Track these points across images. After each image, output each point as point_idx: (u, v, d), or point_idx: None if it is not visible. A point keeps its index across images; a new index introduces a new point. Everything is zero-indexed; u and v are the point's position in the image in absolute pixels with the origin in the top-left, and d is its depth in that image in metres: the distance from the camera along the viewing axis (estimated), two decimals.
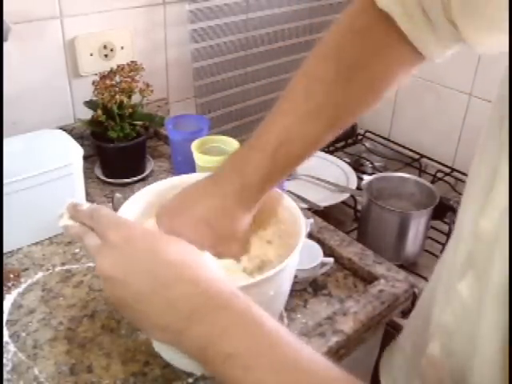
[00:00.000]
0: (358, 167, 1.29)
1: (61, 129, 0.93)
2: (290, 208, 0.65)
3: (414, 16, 0.49)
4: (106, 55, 1.05)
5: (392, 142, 1.43)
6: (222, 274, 0.46)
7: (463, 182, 1.21)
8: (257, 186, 0.57)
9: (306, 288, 0.78)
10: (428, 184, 1.01)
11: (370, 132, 1.45)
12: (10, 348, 0.66)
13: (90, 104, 0.98)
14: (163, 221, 0.59)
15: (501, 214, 0.38)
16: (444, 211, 1.04)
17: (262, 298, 0.56)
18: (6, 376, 0.62)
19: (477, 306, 0.42)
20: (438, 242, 1.04)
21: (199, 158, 0.87)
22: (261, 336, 0.40)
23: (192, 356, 0.42)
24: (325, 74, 0.54)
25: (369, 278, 0.78)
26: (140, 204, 0.66)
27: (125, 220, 0.48)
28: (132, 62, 0.97)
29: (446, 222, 1.06)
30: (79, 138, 1.01)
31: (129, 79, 0.95)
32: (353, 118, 0.57)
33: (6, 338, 0.67)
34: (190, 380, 0.63)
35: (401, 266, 0.81)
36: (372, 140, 1.44)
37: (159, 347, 0.65)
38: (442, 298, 0.51)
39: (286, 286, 0.61)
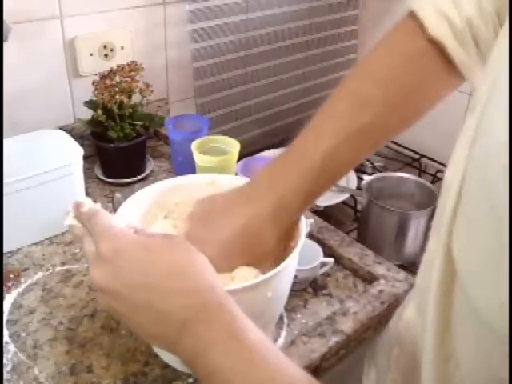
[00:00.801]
0: (358, 167, 1.29)
1: (61, 129, 0.93)
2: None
3: (466, 46, 0.49)
4: (106, 55, 1.05)
5: (392, 141, 1.43)
6: (220, 279, 0.45)
7: None
8: (296, 208, 0.57)
9: (306, 288, 0.78)
10: (428, 184, 1.01)
11: None
12: (10, 348, 0.66)
13: (90, 104, 0.98)
14: (193, 226, 0.59)
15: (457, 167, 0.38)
16: None
17: (260, 300, 0.56)
18: (6, 376, 0.62)
19: (445, 260, 0.41)
20: None
21: (199, 158, 0.87)
22: (242, 352, 0.40)
23: (186, 365, 0.43)
24: (373, 95, 0.54)
25: (369, 278, 0.78)
26: (139, 204, 0.66)
27: (119, 230, 0.47)
28: (132, 61, 0.97)
29: None
30: (79, 138, 1.01)
31: (129, 79, 0.95)
32: (393, 137, 0.59)
33: (6, 337, 0.67)
34: (190, 380, 0.63)
35: (401, 266, 0.81)
36: None
37: (158, 349, 0.65)
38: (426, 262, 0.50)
39: (284, 287, 0.61)
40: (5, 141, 0.86)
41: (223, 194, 0.62)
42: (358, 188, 1.12)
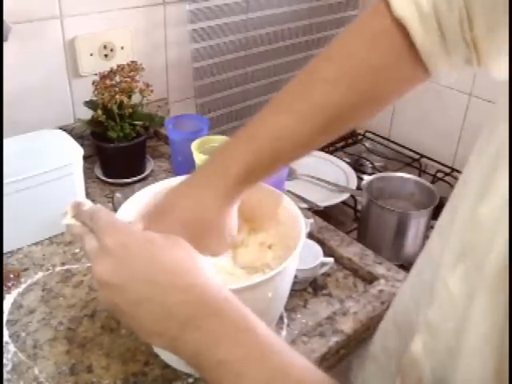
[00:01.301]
0: (358, 167, 1.29)
1: (61, 129, 0.93)
2: (290, 210, 0.65)
3: (429, 31, 0.48)
4: (106, 55, 1.05)
5: (392, 142, 1.43)
6: (219, 279, 0.45)
7: None
8: (238, 177, 0.55)
9: (306, 288, 0.78)
10: (428, 184, 1.01)
11: (369, 132, 1.45)
12: (10, 348, 0.66)
13: (90, 104, 0.98)
14: (147, 227, 0.58)
15: (503, 200, 0.37)
16: None
17: (261, 300, 0.56)
18: (6, 376, 0.62)
19: (465, 300, 0.41)
20: None
21: (199, 158, 0.87)
22: (252, 344, 0.40)
23: (187, 362, 0.43)
24: (326, 73, 0.53)
25: (369, 278, 0.78)
26: (139, 204, 0.66)
27: (123, 224, 0.47)
28: (132, 62, 0.97)
29: None
30: (79, 138, 1.01)
31: (129, 79, 0.95)
32: (348, 124, 0.56)
33: (6, 337, 0.67)
34: (190, 380, 0.63)
35: (401, 266, 0.81)
36: (372, 140, 1.44)
37: (158, 349, 0.65)
38: (426, 295, 0.49)
39: (284, 287, 0.61)
40: (5, 141, 0.86)
41: (171, 190, 0.60)
42: (358, 188, 1.12)
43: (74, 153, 0.84)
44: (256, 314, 0.49)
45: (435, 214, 0.98)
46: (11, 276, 0.76)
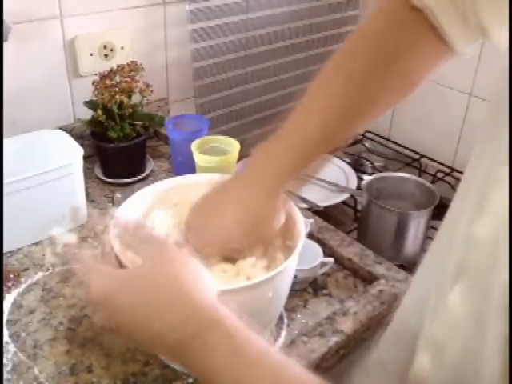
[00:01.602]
0: (358, 167, 1.29)
1: (61, 129, 0.93)
2: (290, 210, 0.65)
3: (446, 12, 0.51)
4: (106, 55, 1.05)
5: (392, 141, 1.43)
6: (215, 291, 0.46)
7: None
8: (284, 175, 0.59)
9: (306, 288, 0.78)
10: (428, 184, 1.01)
11: (369, 132, 1.45)
12: (10, 348, 0.66)
13: (90, 104, 0.98)
14: (195, 224, 0.61)
15: (499, 220, 0.37)
16: (444, 211, 1.04)
17: (261, 300, 0.56)
18: (6, 376, 0.62)
19: (469, 319, 0.40)
20: None
21: (199, 158, 0.87)
22: (247, 355, 0.41)
23: (194, 375, 0.46)
24: (360, 68, 0.55)
25: (369, 278, 0.78)
26: (139, 204, 0.66)
27: (101, 272, 0.49)
28: (132, 61, 0.97)
29: None
30: (79, 138, 1.01)
31: (129, 79, 0.95)
32: (382, 112, 0.59)
33: (6, 337, 0.67)
34: (190, 380, 0.63)
35: (401, 266, 0.81)
36: (372, 140, 1.44)
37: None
38: (430, 308, 0.49)
39: (284, 287, 0.61)
40: (5, 141, 0.86)
41: (221, 184, 0.63)
42: (358, 188, 1.12)
43: (74, 153, 0.84)
44: (256, 314, 0.49)
45: (435, 214, 0.98)
46: (11, 276, 0.76)
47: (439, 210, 1.00)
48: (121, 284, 0.47)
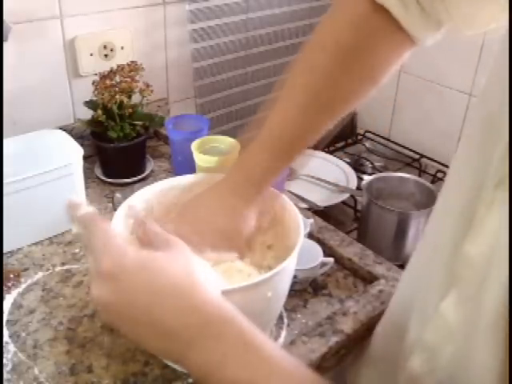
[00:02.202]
0: (358, 167, 1.29)
1: (61, 129, 0.93)
2: (289, 210, 0.65)
3: (407, 5, 0.51)
4: (106, 55, 1.05)
5: (392, 141, 1.43)
6: (218, 294, 0.45)
7: None
8: (258, 178, 0.59)
9: (306, 288, 0.78)
10: (428, 184, 1.01)
11: (369, 132, 1.45)
12: (10, 348, 0.66)
13: (90, 104, 0.98)
14: (175, 228, 0.60)
15: (491, 240, 0.38)
16: None
17: (260, 300, 0.56)
18: (6, 376, 0.62)
19: (462, 328, 0.41)
20: None
21: (199, 158, 0.87)
22: (259, 362, 0.40)
23: (196, 378, 0.44)
24: (324, 62, 0.56)
25: (369, 278, 0.78)
26: (138, 204, 0.66)
27: (117, 246, 0.46)
28: (132, 61, 0.97)
29: None
30: (79, 138, 1.01)
31: (129, 79, 0.95)
32: (352, 104, 0.59)
33: (6, 337, 0.67)
34: (190, 380, 0.63)
35: (401, 266, 0.81)
36: (372, 140, 1.44)
37: None
38: (420, 312, 0.49)
39: (284, 287, 0.61)
40: (5, 141, 0.86)
41: (202, 194, 0.64)
42: (358, 188, 1.12)
43: (74, 153, 0.84)
44: (255, 314, 0.49)
45: None
46: (11, 276, 0.76)
47: None
48: (136, 261, 0.45)
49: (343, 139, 1.41)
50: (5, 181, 0.76)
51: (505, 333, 0.35)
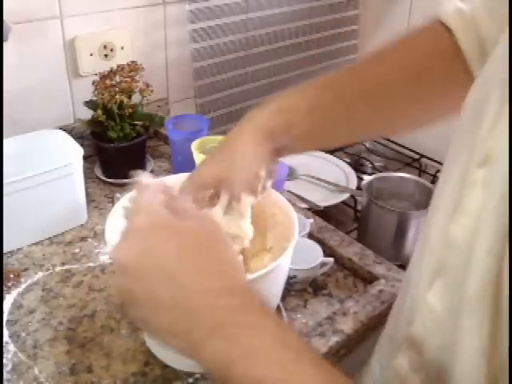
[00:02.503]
0: (358, 167, 1.29)
1: (61, 129, 0.93)
2: (286, 211, 0.64)
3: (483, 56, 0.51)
4: (106, 55, 1.05)
5: (392, 142, 1.43)
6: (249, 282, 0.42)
7: None
8: (274, 133, 0.58)
9: (306, 288, 0.78)
10: (428, 184, 1.01)
11: None
12: (10, 348, 0.66)
13: (90, 104, 0.98)
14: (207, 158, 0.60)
15: (473, 221, 0.37)
16: None
17: None
18: (6, 376, 0.62)
19: (448, 317, 0.40)
20: None
21: (199, 158, 0.87)
22: (292, 362, 0.36)
23: (207, 369, 0.39)
24: (383, 72, 0.56)
25: (369, 278, 0.78)
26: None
27: (154, 209, 0.43)
28: (132, 61, 0.97)
29: None
30: (79, 138, 1.01)
31: (129, 79, 0.95)
32: (402, 123, 0.61)
33: (6, 337, 0.67)
34: (190, 380, 0.63)
35: (401, 266, 0.81)
36: (372, 140, 1.44)
37: (156, 349, 0.65)
38: (409, 308, 0.48)
39: (276, 288, 0.61)
40: (5, 141, 0.86)
41: (236, 140, 0.64)
42: (358, 188, 1.12)
43: (74, 153, 0.84)
44: None
45: None
46: (11, 276, 0.76)
47: None
48: (173, 226, 0.42)
49: None
50: (5, 181, 0.76)
51: (488, 312, 0.35)
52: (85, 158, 0.85)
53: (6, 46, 0.89)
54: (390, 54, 0.58)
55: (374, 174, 1.12)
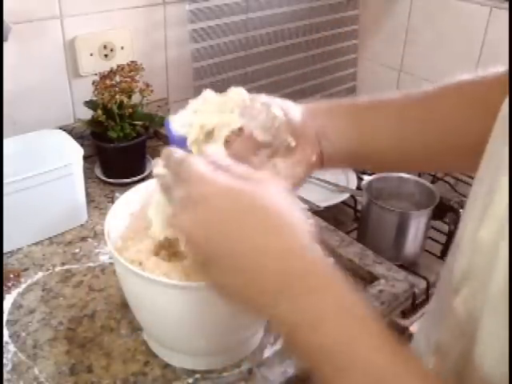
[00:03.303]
0: None
1: (61, 129, 0.93)
2: None
3: None
4: (106, 55, 1.05)
5: None
6: (315, 243, 0.39)
7: (463, 182, 1.20)
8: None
9: None
10: (428, 184, 1.01)
11: None
12: (10, 348, 0.66)
13: (90, 104, 0.98)
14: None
15: (500, 224, 0.37)
16: (444, 211, 1.04)
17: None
18: (6, 376, 0.62)
19: (471, 322, 0.40)
20: (438, 242, 1.04)
21: None
22: (360, 334, 0.36)
23: (276, 330, 0.41)
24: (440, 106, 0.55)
25: (369, 278, 0.78)
26: (134, 201, 0.65)
27: (209, 175, 0.41)
28: (132, 61, 0.97)
29: (445, 222, 1.06)
30: (79, 138, 1.01)
31: (129, 79, 0.95)
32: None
33: (6, 337, 0.67)
34: (190, 380, 0.63)
35: (401, 266, 0.81)
36: None
37: (157, 349, 0.65)
38: (438, 315, 0.49)
39: None
40: (5, 141, 0.86)
41: None
42: (358, 188, 1.12)
43: (74, 153, 0.84)
44: (235, 313, 0.47)
45: (435, 214, 0.98)
46: (11, 276, 0.76)
47: (439, 210, 1.00)
48: (234, 186, 0.41)
49: None
50: (5, 181, 0.76)
51: (508, 314, 0.34)
52: (85, 158, 0.85)
53: (6, 45, 0.89)
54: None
55: (374, 174, 1.12)
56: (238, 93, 0.56)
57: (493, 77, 0.54)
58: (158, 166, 0.48)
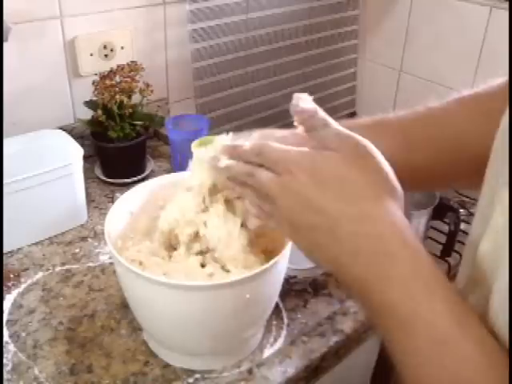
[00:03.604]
0: None
1: (61, 129, 0.93)
2: None
3: None
4: (106, 55, 1.05)
5: None
6: (398, 210, 0.41)
7: None
8: None
9: (306, 288, 0.78)
10: None
11: None
12: (10, 348, 0.66)
13: (90, 104, 0.98)
14: None
15: (498, 235, 0.38)
16: (444, 211, 1.04)
17: (236, 300, 0.55)
18: (6, 376, 0.62)
19: None
20: (438, 242, 1.04)
21: None
22: (423, 295, 0.37)
23: (353, 294, 0.42)
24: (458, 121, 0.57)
25: None
26: (134, 201, 0.65)
27: (296, 153, 0.44)
28: (132, 61, 0.97)
29: (445, 222, 1.06)
30: (79, 137, 1.01)
31: (129, 79, 0.95)
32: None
33: (6, 338, 0.67)
34: (190, 380, 0.63)
35: None
36: None
37: (157, 349, 0.65)
38: None
39: (266, 291, 0.60)
40: (5, 141, 0.86)
41: None
42: None
43: (74, 153, 0.84)
44: (231, 315, 0.48)
45: (435, 214, 0.98)
46: (11, 276, 0.76)
47: (439, 210, 1.00)
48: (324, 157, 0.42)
49: None
50: (5, 181, 0.76)
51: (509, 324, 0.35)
52: (85, 158, 0.85)
53: (6, 46, 0.89)
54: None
55: None
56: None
57: (497, 87, 0.54)
58: (222, 160, 0.50)
